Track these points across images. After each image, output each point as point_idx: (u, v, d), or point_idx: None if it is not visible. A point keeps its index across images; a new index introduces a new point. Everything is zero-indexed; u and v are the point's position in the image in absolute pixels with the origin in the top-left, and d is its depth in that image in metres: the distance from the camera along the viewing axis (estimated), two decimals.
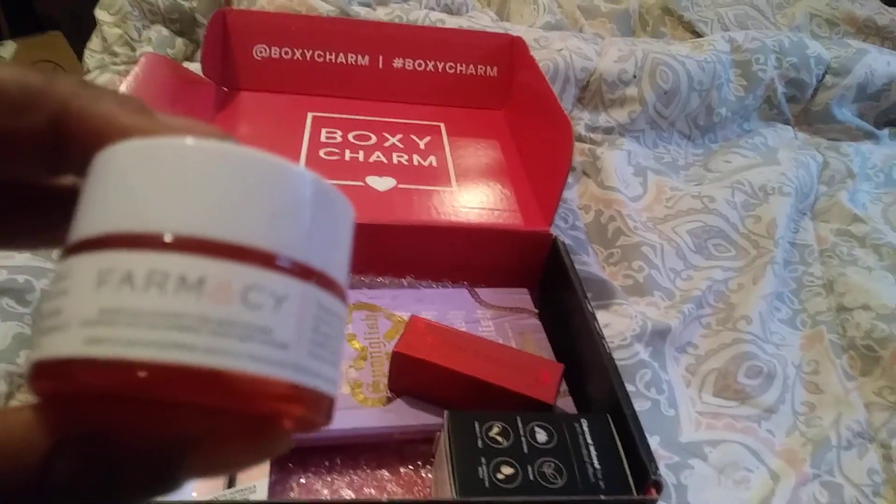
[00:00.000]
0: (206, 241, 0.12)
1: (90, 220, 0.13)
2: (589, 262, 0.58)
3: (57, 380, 0.12)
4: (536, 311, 0.50)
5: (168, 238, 0.12)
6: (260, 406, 0.13)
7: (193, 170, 0.13)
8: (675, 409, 0.49)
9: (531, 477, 0.33)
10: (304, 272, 0.13)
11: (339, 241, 0.15)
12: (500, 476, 0.33)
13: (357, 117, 0.64)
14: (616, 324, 0.52)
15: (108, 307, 0.12)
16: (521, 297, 0.51)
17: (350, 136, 0.61)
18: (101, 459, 0.12)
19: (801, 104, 0.82)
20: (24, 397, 0.42)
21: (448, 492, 0.32)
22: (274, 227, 0.13)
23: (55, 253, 0.50)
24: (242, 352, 0.12)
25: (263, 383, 0.12)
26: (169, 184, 0.13)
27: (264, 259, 0.13)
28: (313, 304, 0.13)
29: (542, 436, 0.35)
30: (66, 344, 0.12)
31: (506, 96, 0.69)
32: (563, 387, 0.43)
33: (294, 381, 0.13)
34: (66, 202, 0.17)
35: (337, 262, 0.14)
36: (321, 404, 0.14)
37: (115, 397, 0.12)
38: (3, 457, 0.12)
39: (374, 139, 0.62)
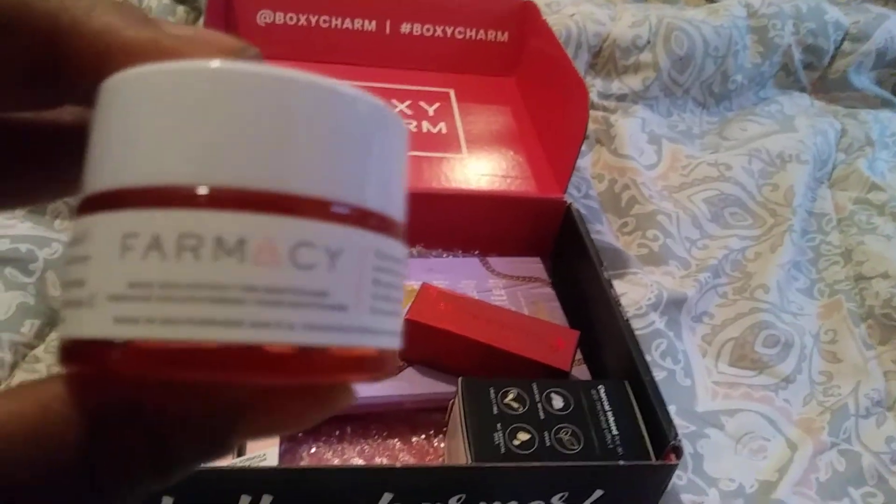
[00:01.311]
0: (244, 193, 0.10)
1: (105, 169, 0.11)
2: (603, 232, 0.57)
3: (87, 362, 0.11)
4: (550, 279, 0.49)
5: (199, 191, 0.10)
6: (319, 377, 0.11)
7: (222, 103, 0.11)
8: (692, 378, 0.48)
9: (548, 443, 0.32)
10: (361, 217, 0.11)
11: (396, 172, 0.12)
12: (516, 442, 0.32)
13: (364, 83, 0.62)
14: (631, 293, 0.50)
15: (136, 280, 0.10)
16: (534, 266, 0.50)
17: None
18: (148, 433, 0.11)
19: (817, 71, 0.80)
20: (30, 367, 0.41)
21: (463, 459, 0.32)
22: (325, 168, 0.11)
23: (57, 221, 0.50)
24: (296, 322, 0.10)
25: (321, 354, 0.11)
26: (193, 123, 0.11)
27: (315, 208, 0.11)
28: (372, 253, 0.11)
29: (558, 402, 0.34)
30: (94, 322, 0.10)
31: (517, 62, 0.67)
32: (578, 355, 0.42)
33: (356, 345, 0.11)
34: (70, 143, 0.14)
35: (396, 197, 0.12)
36: (386, 361, 0.12)
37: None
38: (42, 436, 0.10)
39: None
